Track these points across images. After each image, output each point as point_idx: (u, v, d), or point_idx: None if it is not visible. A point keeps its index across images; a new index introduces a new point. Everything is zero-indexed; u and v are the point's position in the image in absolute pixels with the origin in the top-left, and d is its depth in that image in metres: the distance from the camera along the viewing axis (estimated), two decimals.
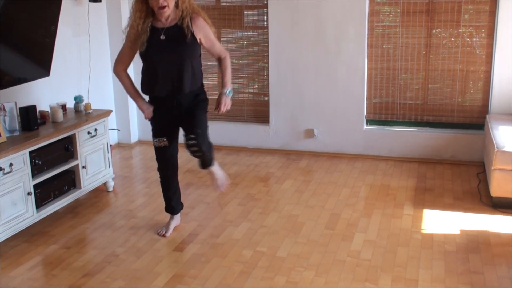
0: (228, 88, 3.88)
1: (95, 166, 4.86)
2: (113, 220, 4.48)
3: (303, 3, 5.72)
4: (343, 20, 5.66)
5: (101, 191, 5.07)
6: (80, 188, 4.70)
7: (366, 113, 5.87)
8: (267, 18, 5.90)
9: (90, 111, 4.91)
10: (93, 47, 5.81)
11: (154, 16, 3.74)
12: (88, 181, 4.78)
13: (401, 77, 5.72)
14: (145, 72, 3.89)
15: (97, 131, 4.85)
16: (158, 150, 4.04)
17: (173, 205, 4.21)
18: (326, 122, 5.96)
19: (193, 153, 3.84)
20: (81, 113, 4.90)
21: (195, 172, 5.56)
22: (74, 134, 4.59)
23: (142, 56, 3.81)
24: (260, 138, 6.20)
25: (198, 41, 3.79)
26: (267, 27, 5.90)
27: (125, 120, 6.45)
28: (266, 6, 5.88)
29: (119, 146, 6.50)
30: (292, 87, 5.98)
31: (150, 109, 3.92)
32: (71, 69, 5.54)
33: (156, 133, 3.97)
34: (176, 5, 3.70)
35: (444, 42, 5.52)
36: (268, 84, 6.07)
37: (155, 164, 5.80)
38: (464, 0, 5.36)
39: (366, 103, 5.85)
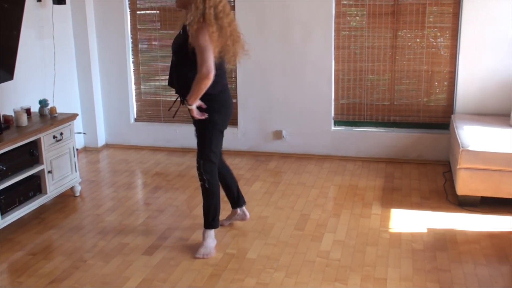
0: (188, 98, 3.64)
1: (61, 170, 4.79)
2: (81, 225, 4.42)
3: (269, 4, 5.74)
4: (309, 21, 5.69)
5: (68, 196, 4.99)
6: (46, 193, 4.62)
7: (334, 114, 5.91)
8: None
9: (56, 115, 4.84)
10: (57, 50, 5.72)
11: None
12: (54, 186, 4.71)
13: (368, 78, 5.77)
14: None
15: (63, 135, 4.77)
16: None
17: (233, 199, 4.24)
18: (294, 124, 5.98)
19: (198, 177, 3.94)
20: (46, 117, 4.82)
21: (164, 175, 5.53)
22: (39, 139, 4.51)
23: None
24: (229, 140, 6.17)
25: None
26: None
27: (92, 124, 6.37)
28: (233, 7, 5.88)
29: (85, 150, 6.42)
30: (260, 89, 5.99)
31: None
32: (35, 72, 5.45)
33: None
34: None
35: (409, 43, 5.60)
36: (235, 86, 6.06)
37: (122, 168, 5.81)
38: (428, 2, 5.44)
39: (334, 104, 5.89)
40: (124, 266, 3.73)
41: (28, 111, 4.76)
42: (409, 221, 4.35)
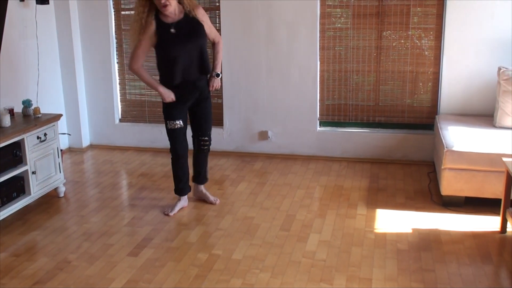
0: (217, 71, 4.43)
1: (45, 171, 4.75)
2: (65, 226, 4.39)
3: (255, 5, 5.74)
4: (295, 22, 5.69)
5: (52, 197, 4.96)
6: (29, 194, 4.58)
7: (319, 114, 5.93)
8: (219, 21, 5.89)
9: (39, 115, 4.80)
10: (41, 50, 5.68)
11: (160, 13, 4.10)
12: (38, 187, 4.67)
13: (353, 79, 5.79)
14: (162, 65, 4.26)
15: (46, 136, 4.74)
16: (173, 132, 4.40)
17: (181, 187, 4.60)
18: (279, 124, 5.98)
19: (203, 149, 4.59)
20: (30, 117, 4.78)
21: (149, 175, 5.51)
22: (23, 139, 4.48)
23: (158, 50, 4.21)
24: (214, 141, 6.14)
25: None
26: (219, 30, 5.88)
27: (76, 124, 6.33)
28: (218, 8, 5.87)
29: (70, 150, 6.38)
30: (246, 89, 5.98)
31: (172, 95, 4.27)
32: (18, 72, 5.40)
33: (173, 116, 4.34)
34: (179, 1, 4.13)
35: (394, 44, 5.62)
36: (221, 86, 6.05)
37: (107, 168, 5.77)
38: (412, 3, 5.47)
39: (319, 105, 5.90)
40: (109, 267, 3.71)
41: (11, 111, 4.72)
42: (394, 222, 4.37)
